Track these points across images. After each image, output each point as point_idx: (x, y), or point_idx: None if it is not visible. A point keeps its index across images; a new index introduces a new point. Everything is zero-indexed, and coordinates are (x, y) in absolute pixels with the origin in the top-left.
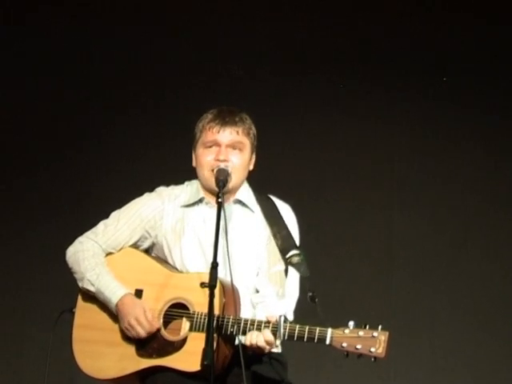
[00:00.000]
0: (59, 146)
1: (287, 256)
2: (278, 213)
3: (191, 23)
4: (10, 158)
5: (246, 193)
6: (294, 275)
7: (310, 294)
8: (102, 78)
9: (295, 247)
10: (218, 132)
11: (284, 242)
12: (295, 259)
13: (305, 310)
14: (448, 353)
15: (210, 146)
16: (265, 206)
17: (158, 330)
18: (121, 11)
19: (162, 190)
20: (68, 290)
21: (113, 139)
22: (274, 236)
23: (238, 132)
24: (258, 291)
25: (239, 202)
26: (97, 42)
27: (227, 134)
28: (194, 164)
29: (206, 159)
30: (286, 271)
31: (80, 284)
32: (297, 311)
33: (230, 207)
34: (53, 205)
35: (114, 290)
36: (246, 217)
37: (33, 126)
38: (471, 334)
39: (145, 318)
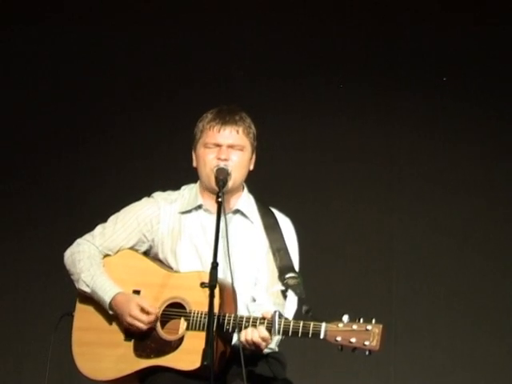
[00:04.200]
0: (60, 146)
1: (285, 277)
2: (279, 228)
3: (191, 24)
4: (11, 159)
5: (246, 202)
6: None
7: (306, 308)
8: (102, 79)
9: (292, 270)
10: (219, 131)
11: (282, 263)
12: (292, 281)
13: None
14: (448, 353)
15: (211, 147)
16: (265, 218)
17: (155, 329)
18: (121, 11)
19: (158, 195)
20: (68, 293)
21: (112, 140)
22: (273, 254)
23: (238, 131)
24: (254, 300)
25: (239, 211)
26: (97, 41)
27: (227, 134)
28: (194, 164)
29: (207, 158)
30: (283, 291)
31: (76, 285)
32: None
33: (230, 217)
34: (52, 208)
35: (107, 290)
36: (246, 228)
37: (32, 127)
38: (472, 334)
39: (139, 311)
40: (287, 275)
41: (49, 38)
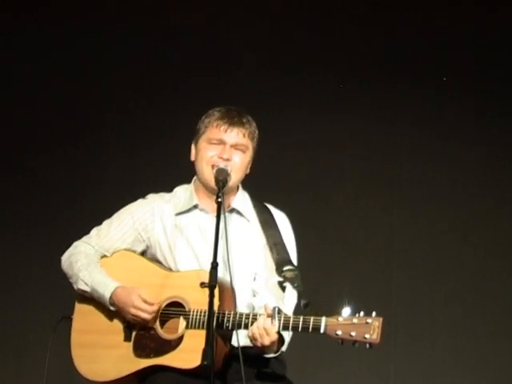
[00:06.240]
0: (58, 146)
1: (282, 269)
2: (275, 223)
3: (191, 23)
4: (10, 160)
5: (241, 200)
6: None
7: (304, 301)
8: (102, 81)
9: (290, 263)
10: (226, 131)
11: (279, 256)
12: (289, 274)
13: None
14: (448, 352)
15: (215, 144)
16: (261, 215)
17: (155, 329)
18: (122, 9)
19: (152, 197)
20: (68, 295)
21: (112, 140)
22: (270, 248)
23: (244, 134)
24: (254, 295)
25: (234, 210)
26: (97, 40)
27: (234, 135)
28: (192, 158)
29: (208, 154)
30: (280, 283)
31: (75, 286)
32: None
33: (226, 216)
34: (53, 208)
35: (107, 284)
36: (242, 226)
37: (31, 126)
38: (472, 333)
39: (141, 301)
40: (285, 268)
41: (48, 33)
